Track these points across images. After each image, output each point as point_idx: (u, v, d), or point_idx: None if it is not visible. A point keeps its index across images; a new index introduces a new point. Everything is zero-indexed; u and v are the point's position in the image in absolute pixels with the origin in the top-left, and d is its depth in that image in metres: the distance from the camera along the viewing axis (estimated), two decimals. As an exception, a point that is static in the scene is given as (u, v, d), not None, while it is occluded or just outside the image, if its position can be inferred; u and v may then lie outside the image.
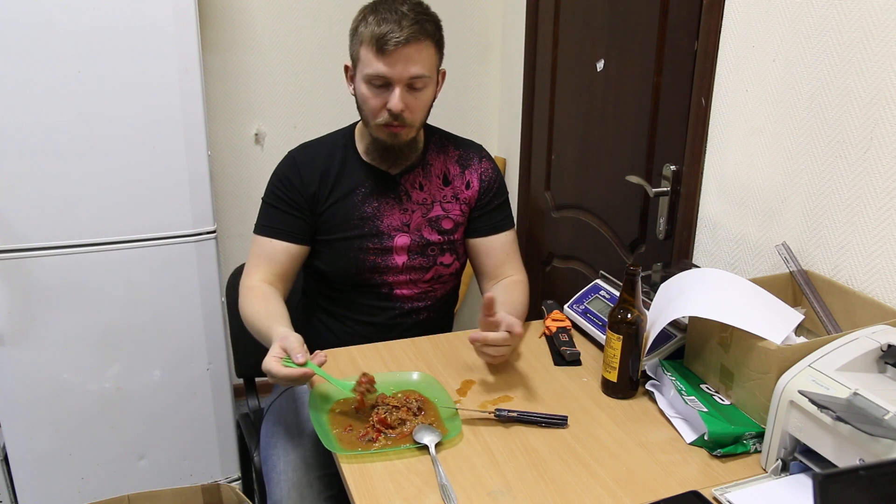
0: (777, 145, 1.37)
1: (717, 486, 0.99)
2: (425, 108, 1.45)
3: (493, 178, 1.57)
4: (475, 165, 1.57)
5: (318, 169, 1.49)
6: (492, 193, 1.57)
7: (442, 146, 1.57)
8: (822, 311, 1.22)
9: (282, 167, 1.51)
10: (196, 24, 1.81)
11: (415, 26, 1.33)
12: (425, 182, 1.53)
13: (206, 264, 1.97)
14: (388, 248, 1.49)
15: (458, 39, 2.54)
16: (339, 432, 1.14)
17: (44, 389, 1.90)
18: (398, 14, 1.33)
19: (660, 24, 1.69)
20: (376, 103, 1.39)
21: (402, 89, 1.36)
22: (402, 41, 1.32)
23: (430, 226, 1.52)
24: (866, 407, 0.90)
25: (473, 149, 1.59)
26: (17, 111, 1.71)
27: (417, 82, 1.37)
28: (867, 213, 1.20)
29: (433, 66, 1.41)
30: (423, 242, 1.51)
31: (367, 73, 1.36)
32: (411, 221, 1.51)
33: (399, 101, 1.36)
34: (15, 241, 1.79)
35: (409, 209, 1.51)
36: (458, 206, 1.54)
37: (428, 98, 1.43)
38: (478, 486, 1.02)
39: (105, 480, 2.03)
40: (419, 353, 1.40)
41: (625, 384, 1.23)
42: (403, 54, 1.33)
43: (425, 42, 1.36)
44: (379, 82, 1.36)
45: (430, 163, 1.54)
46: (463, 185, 1.55)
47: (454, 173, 1.55)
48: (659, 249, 1.77)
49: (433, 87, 1.45)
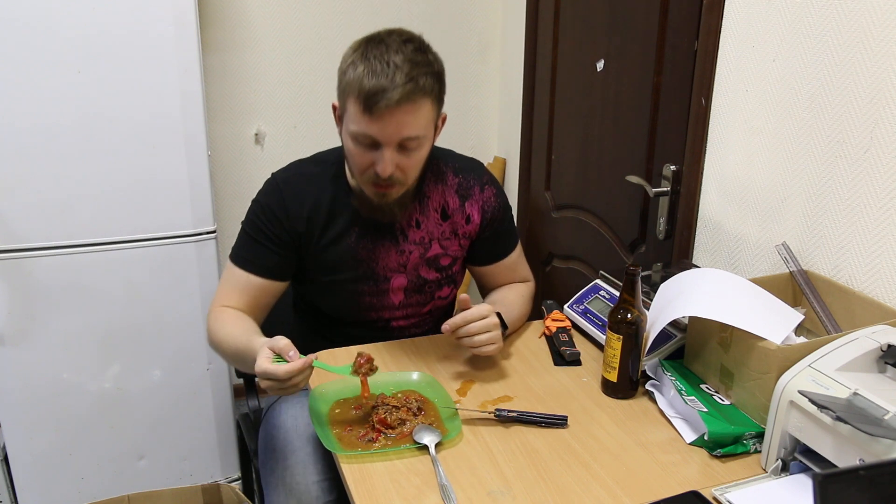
0: (777, 145, 1.37)
1: (717, 486, 0.99)
2: (419, 166, 1.31)
3: (495, 207, 1.46)
4: (476, 196, 1.44)
5: (305, 206, 1.36)
6: (495, 223, 1.47)
7: (439, 174, 1.43)
8: (822, 311, 1.22)
9: (266, 197, 1.37)
10: (196, 24, 1.81)
11: (409, 84, 1.16)
12: (422, 218, 1.41)
13: (206, 264, 1.97)
14: (384, 290, 1.43)
15: (458, 39, 2.54)
16: (338, 432, 1.14)
17: (44, 389, 1.90)
18: (391, 67, 1.16)
19: (660, 24, 1.69)
20: (363, 161, 1.25)
21: (392, 151, 1.22)
22: (392, 104, 1.16)
23: (427, 265, 1.43)
24: (866, 407, 0.90)
25: (474, 175, 1.45)
26: (16, 111, 1.71)
27: (410, 143, 1.23)
28: (867, 213, 1.20)
29: (430, 122, 1.25)
30: (420, 282, 1.44)
31: (353, 131, 1.22)
32: (408, 262, 1.42)
33: (388, 164, 1.22)
34: (15, 241, 1.79)
35: (405, 250, 1.41)
36: (458, 242, 1.45)
37: (422, 156, 1.29)
38: (478, 486, 1.02)
39: (105, 480, 2.03)
40: (419, 353, 1.40)
41: (625, 384, 1.23)
42: (395, 117, 1.18)
43: (421, 101, 1.20)
44: (367, 141, 1.22)
45: (427, 195, 1.41)
46: (463, 219, 1.43)
47: (453, 207, 1.43)
48: (659, 249, 1.77)
49: (430, 143, 1.30)
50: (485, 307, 1.30)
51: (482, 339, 1.28)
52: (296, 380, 1.12)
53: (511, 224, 1.53)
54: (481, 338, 1.28)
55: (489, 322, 1.29)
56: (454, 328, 1.28)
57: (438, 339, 1.46)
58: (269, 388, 1.12)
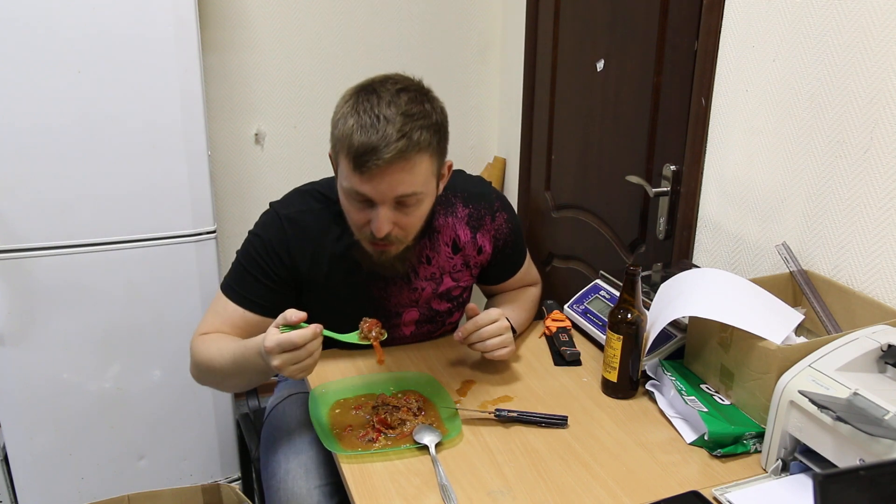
0: (777, 145, 1.37)
1: (718, 486, 0.99)
2: (420, 222, 1.23)
3: (507, 233, 1.41)
4: (487, 226, 1.38)
5: (310, 246, 1.29)
6: (507, 249, 1.43)
7: (449, 206, 1.36)
8: (822, 311, 1.22)
9: (268, 233, 1.29)
10: (196, 25, 1.81)
11: (402, 141, 1.08)
12: (433, 254, 1.35)
13: (206, 264, 1.97)
14: (395, 324, 1.40)
15: (458, 39, 2.54)
16: (339, 432, 1.14)
17: (44, 389, 1.90)
18: (382, 121, 1.08)
19: (660, 24, 1.69)
20: (358, 218, 1.18)
21: (387, 210, 1.15)
22: (382, 164, 1.08)
23: (439, 298, 1.40)
24: (866, 407, 0.90)
25: (484, 203, 1.38)
26: (17, 111, 1.71)
27: (408, 199, 1.15)
28: (867, 213, 1.20)
29: (428, 177, 1.17)
30: (431, 314, 1.42)
31: (346, 188, 1.15)
32: (420, 298, 1.38)
33: (384, 223, 1.15)
34: (15, 241, 1.79)
35: (417, 287, 1.36)
36: (469, 272, 1.42)
37: (424, 211, 1.21)
38: (478, 486, 1.02)
39: (105, 480, 2.03)
40: (419, 353, 1.40)
41: (625, 384, 1.23)
42: (388, 176, 1.10)
43: (416, 157, 1.11)
44: (360, 199, 1.15)
45: (436, 230, 1.35)
46: (474, 251, 1.39)
47: (465, 240, 1.37)
48: (659, 249, 1.77)
49: (431, 197, 1.22)
50: (495, 311, 1.29)
51: (494, 342, 1.28)
52: (311, 346, 1.06)
53: (521, 241, 1.48)
54: (493, 342, 1.27)
55: (500, 326, 1.28)
56: (467, 335, 1.27)
57: (439, 340, 1.46)
58: (285, 365, 1.05)
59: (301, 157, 2.43)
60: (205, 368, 1.28)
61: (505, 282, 1.51)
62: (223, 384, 1.32)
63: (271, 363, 1.06)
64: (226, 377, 1.26)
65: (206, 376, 1.31)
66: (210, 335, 1.30)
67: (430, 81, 1.31)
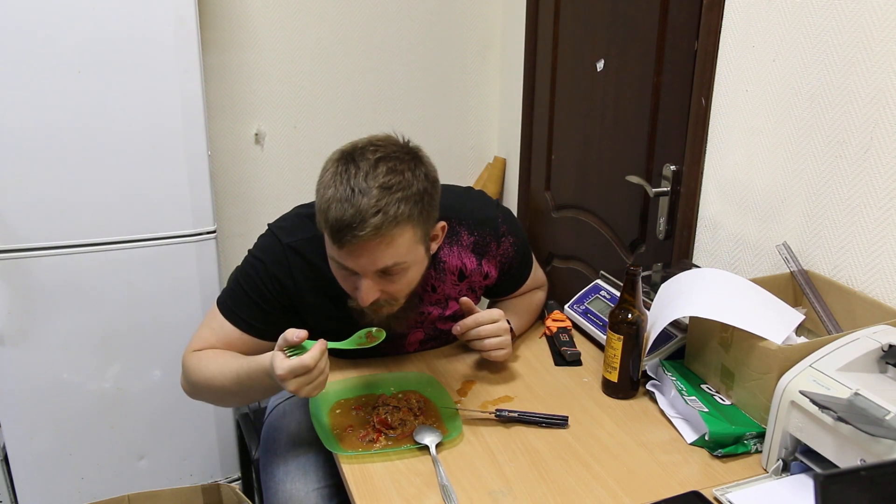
0: (777, 145, 1.37)
1: (718, 487, 1.00)
2: (411, 286, 1.20)
3: (513, 256, 1.40)
4: (493, 252, 1.37)
5: (311, 276, 1.27)
6: (513, 269, 1.43)
7: (454, 235, 1.34)
8: (822, 311, 1.22)
9: (269, 258, 1.26)
10: (196, 24, 1.81)
11: (377, 217, 1.05)
12: (438, 283, 1.34)
13: (206, 264, 1.97)
14: (400, 344, 1.40)
15: (458, 39, 2.53)
16: (339, 433, 1.14)
17: (44, 389, 1.90)
18: (358, 195, 1.05)
19: (660, 24, 1.69)
20: (347, 286, 1.18)
21: (371, 280, 1.13)
22: (358, 240, 1.06)
23: (444, 321, 1.39)
24: (867, 407, 0.90)
25: (490, 230, 1.36)
26: (17, 112, 1.71)
27: (393, 269, 1.13)
28: (867, 213, 1.20)
29: (413, 246, 1.13)
30: (436, 333, 1.42)
31: (330, 255, 1.15)
32: (426, 320, 1.37)
33: (368, 293, 1.13)
34: (15, 242, 1.79)
35: (424, 311, 1.35)
36: (475, 295, 1.41)
37: (412, 277, 1.18)
38: (478, 486, 1.02)
39: (105, 480, 2.03)
40: (419, 354, 1.40)
41: (625, 384, 1.23)
42: (367, 251, 1.08)
43: (395, 231, 1.08)
44: (343, 268, 1.14)
45: (442, 260, 1.33)
46: (480, 277, 1.38)
47: (471, 268, 1.35)
48: (659, 249, 1.77)
49: (421, 263, 1.19)
50: (496, 312, 1.29)
51: (492, 343, 1.27)
52: (321, 364, 1.06)
53: (527, 257, 1.46)
54: (491, 342, 1.27)
55: (500, 326, 1.28)
56: (465, 330, 1.27)
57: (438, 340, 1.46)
58: (300, 388, 1.05)
59: (301, 157, 2.43)
60: (202, 386, 1.26)
61: (510, 294, 1.51)
62: (222, 401, 1.30)
63: (287, 388, 1.05)
64: (227, 395, 1.25)
65: (202, 393, 1.30)
66: (206, 352, 1.28)
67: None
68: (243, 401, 1.30)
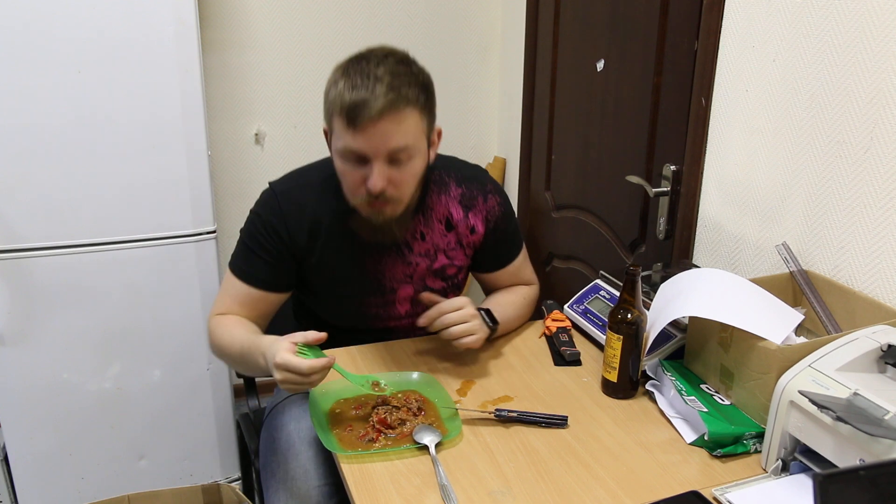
0: (777, 145, 1.37)
1: (718, 486, 1.00)
2: (414, 181, 1.26)
3: (499, 216, 1.43)
4: (479, 206, 1.41)
5: (306, 220, 1.32)
6: (499, 232, 1.45)
7: (442, 185, 1.40)
8: (822, 311, 1.22)
9: (264, 209, 1.34)
10: (196, 24, 1.81)
11: (391, 94, 1.14)
12: (427, 230, 1.39)
13: (206, 264, 1.97)
14: (390, 301, 1.42)
15: (458, 39, 2.54)
16: (339, 432, 1.14)
17: (44, 389, 1.90)
18: (372, 79, 1.14)
19: (660, 24, 1.69)
20: (354, 179, 1.22)
21: (381, 165, 1.18)
22: (374, 115, 1.13)
23: (433, 276, 1.42)
24: (866, 407, 0.90)
25: (476, 184, 1.42)
26: (17, 111, 1.71)
27: (400, 154, 1.19)
28: (867, 213, 1.20)
29: (419, 133, 1.21)
30: (425, 290, 1.42)
31: (340, 148, 1.20)
32: (415, 273, 1.40)
33: (379, 178, 1.18)
34: (15, 242, 1.79)
35: (412, 262, 1.38)
36: (463, 252, 1.43)
37: (416, 169, 1.24)
38: (478, 486, 1.02)
39: (105, 480, 2.03)
40: (419, 353, 1.40)
41: (625, 384, 1.23)
42: (379, 128, 1.15)
43: (406, 111, 1.17)
44: (354, 157, 1.20)
45: (430, 207, 1.38)
46: (467, 230, 1.41)
47: (457, 218, 1.40)
48: (659, 249, 1.77)
49: (423, 156, 1.25)
50: (460, 299, 1.30)
51: (459, 329, 1.27)
52: (315, 377, 1.10)
53: (515, 230, 1.51)
54: (458, 329, 1.27)
55: (466, 313, 1.29)
56: (430, 320, 1.28)
57: (438, 339, 1.46)
58: (284, 382, 1.10)
59: (301, 157, 2.42)
60: (217, 351, 1.35)
61: (497, 271, 1.51)
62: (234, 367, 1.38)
63: (273, 375, 1.12)
64: (234, 363, 1.33)
65: (219, 356, 1.38)
66: (226, 317, 1.35)
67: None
68: (249, 372, 1.37)
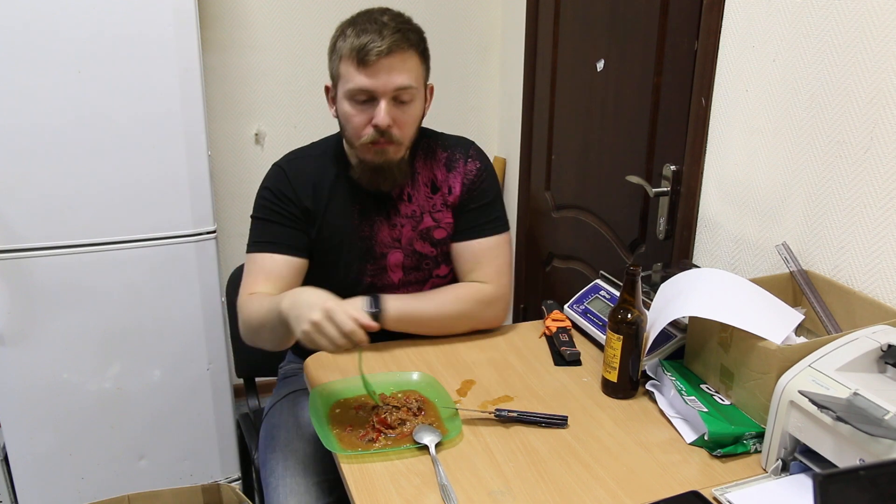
0: (777, 145, 1.37)
1: (718, 486, 0.99)
2: (414, 124, 1.36)
3: (474, 180, 1.44)
4: (459, 168, 1.45)
5: (309, 182, 1.40)
6: (472, 198, 1.44)
7: (429, 150, 1.46)
8: (822, 311, 1.22)
9: (271, 181, 1.41)
10: (196, 24, 1.81)
11: (397, 34, 1.26)
12: (413, 192, 1.43)
13: (206, 264, 1.97)
14: (383, 267, 1.43)
15: (458, 39, 2.54)
16: (339, 432, 1.14)
17: (44, 389, 1.90)
18: (378, 24, 1.27)
19: (660, 24, 1.69)
20: (360, 120, 1.30)
21: (387, 102, 1.28)
22: (384, 51, 1.25)
23: (421, 238, 1.44)
24: (866, 407, 0.90)
25: (460, 148, 1.47)
26: (16, 111, 1.71)
27: (404, 94, 1.29)
28: (867, 213, 1.20)
29: (419, 77, 1.33)
30: (416, 256, 1.44)
31: (349, 89, 1.28)
32: (402, 236, 1.43)
33: (385, 114, 1.28)
34: (15, 242, 1.79)
35: (397, 224, 1.42)
36: (450, 213, 1.45)
37: (416, 113, 1.35)
38: (478, 486, 1.02)
39: (105, 480, 2.03)
40: (419, 353, 1.40)
41: (625, 384, 1.23)
42: (386, 65, 1.26)
43: (409, 52, 1.29)
44: (362, 97, 1.29)
45: (417, 171, 1.44)
46: (447, 189, 1.45)
47: (441, 179, 1.45)
48: (659, 249, 1.77)
49: (421, 102, 1.36)
50: None
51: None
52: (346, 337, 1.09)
53: (492, 207, 1.46)
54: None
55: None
56: None
57: (438, 339, 1.46)
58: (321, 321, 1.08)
59: (301, 157, 2.43)
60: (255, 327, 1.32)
61: (460, 242, 1.44)
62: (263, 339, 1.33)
63: (310, 314, 1.09)
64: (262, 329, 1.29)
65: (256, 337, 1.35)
66: (255, 297, 1.35)
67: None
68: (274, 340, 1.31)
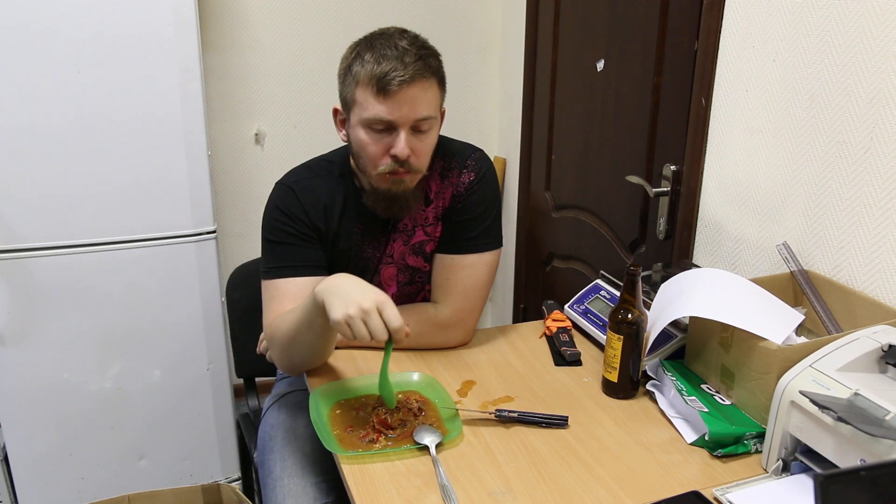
0: (777, 145, 1.37)
1: (718, 487, 0.99)
2: (430, 152, 1.31)
3: (462, 192, 1.37)
4: (452, 179, 1.38)
5: (320, 204, 1.35)
6: (457, 207, 1.38)
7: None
8: (822, 311, 1.22)
9: (281, 201, 1.35)
10: (196, 24, 1.81)
11: (419, 63, 1.20)
12: None
13: (206, 264, 1.97)
14: (377, 283, 1.41)
15: (458, 39, 2.54)
16: (339, 433, 1.14)
17: (44, 389, 1.90)
18: (399, 50, 1.20)
19: (660, 24, 1.69)
20: (377, 150, 1.25)
21: (407, 133, 1.23)
22: (406, 80, 1.19)
23: (413, 253, 1.41)
24: (867, 407, 0.90)
25: (457, 159, 1.39)
26: (16, 111, 1.71)
27: (423, 124, 1.24)
28: (867, 213, 1.20)
29: (438, 105, 1.28)
30: (409, 271, 1.42)
31: (367, 118, 1.22)
32: (394, 251, 1.40)
33: (405, 145, 1.23)
34: (15, 242, 1.79)
35: (391, 238, 1.40)
36: (440, 226, 1.41)
37: (433, 141, 1.30)
38: (478, 486, 1.02)
39: (105, 480, 2.03)
40: (419, 354, 1.40)
41: (625, 384, 1.23)
42: (409, 95, 1.20)
43: (430, 80, 1.24)
44: (381, 126, 1.23)
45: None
46: (440, 201, 1.39)
47: (435, 190, 1.39)
48: (659, 249, 1.77)
49: (437, 128, 1.32)
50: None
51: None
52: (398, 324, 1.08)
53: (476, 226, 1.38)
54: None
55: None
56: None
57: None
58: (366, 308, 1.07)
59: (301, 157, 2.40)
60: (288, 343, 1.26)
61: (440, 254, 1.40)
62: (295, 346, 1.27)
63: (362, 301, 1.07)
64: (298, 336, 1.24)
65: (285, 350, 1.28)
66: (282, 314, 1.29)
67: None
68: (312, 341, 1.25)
